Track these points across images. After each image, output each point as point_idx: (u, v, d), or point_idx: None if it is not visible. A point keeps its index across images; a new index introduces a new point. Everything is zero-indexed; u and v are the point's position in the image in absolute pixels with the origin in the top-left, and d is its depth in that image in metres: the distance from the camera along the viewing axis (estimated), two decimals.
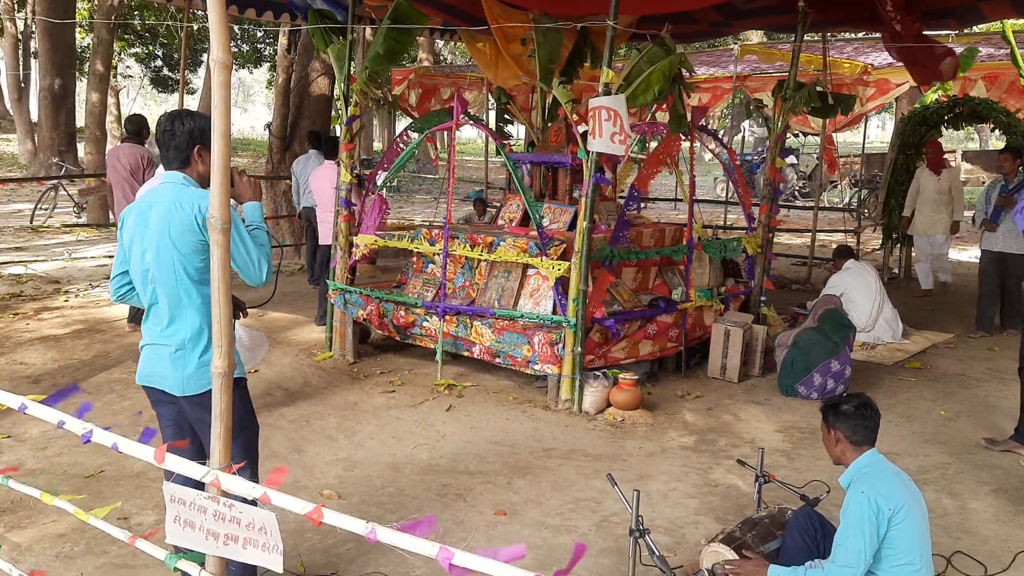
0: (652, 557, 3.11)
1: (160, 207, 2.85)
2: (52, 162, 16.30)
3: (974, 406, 5.82)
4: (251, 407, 3.16)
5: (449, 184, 6.22)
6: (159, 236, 2.83)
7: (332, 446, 4.88)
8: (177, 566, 2.26)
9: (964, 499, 4.32)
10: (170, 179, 2.92)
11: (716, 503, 4.22)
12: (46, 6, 16.28)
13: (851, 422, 2.96)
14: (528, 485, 4.38)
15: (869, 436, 2.97)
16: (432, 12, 7.75)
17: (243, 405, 3.03)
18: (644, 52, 5.68)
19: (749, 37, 17.24)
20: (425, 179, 23.94)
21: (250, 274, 2.87)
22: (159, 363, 2.91)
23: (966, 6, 7.24)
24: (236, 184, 3.02)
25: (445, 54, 32.69)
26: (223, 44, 1.89)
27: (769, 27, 11.15)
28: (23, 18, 23.93)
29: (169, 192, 2.87)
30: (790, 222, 14.14)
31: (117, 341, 6.90)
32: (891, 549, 2.77)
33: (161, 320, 2.91)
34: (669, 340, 6.23)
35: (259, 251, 2.87)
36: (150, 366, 2.96)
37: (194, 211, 2.80)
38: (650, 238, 6.39)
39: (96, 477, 4.32)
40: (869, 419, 2.97)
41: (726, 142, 10.44)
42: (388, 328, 6.42)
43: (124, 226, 2.97)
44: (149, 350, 2.97)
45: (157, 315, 2.92)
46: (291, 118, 10.90)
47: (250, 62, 30.23)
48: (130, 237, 2.94)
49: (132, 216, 2.94)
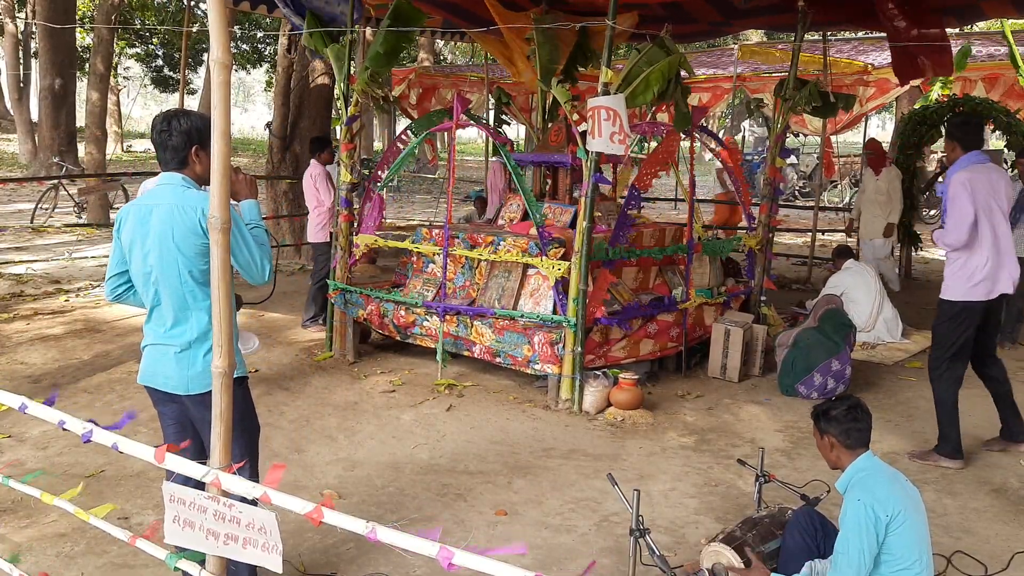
0: (652, 557, 3.11)
1: (161, 210, 2.82)
2: (52, 162, 16.28)
3: (974, 406, 5.81)
4: (252, 406, 3.16)
5: (449, 184, 6.22)
6: (161, 239, 2.81)
7: (332, 446, 4.88)
8: (177, 566, 2.26)
9: (964, 499, 4.32)
10: (169, 180, 2.90)
11: (716, 503, 4.22)
12: (46, 6, 16.26)
13: (843, 426, 2.94)
14: (528, 485, 4.39)
15: (862, 438, 2.95)
16: (432, 11, 7.74)
17: (245, 404, 3.03)
18: (644, 52, 5.69)
19: (749, 37, 17.25)
20: (425, 179, 23.94)
21: (252, 273, 2.87)
22: (163, 363, 2.90)
23: (967, 4, 7.23)
24: (233, 182, 3.00)
25: (445, 54, 32.71)
26: (223, 44, 1.89)
27: (769, 27, 11.14)
28: (23, 18, 23.94)
29: (169, 194, 2.84)
30: (790, 222, 14.15)
31: (117, 341, 6.91)
32: (890, 555, 2.76)
33: (165, 321, 2.90)
34: (669, 340, 6.24)
35: (260, 250, 2.87)
36: (153, 366, 2.95)
37: (197, 215, 2.78)
38: (650, 238, 6.39)
39: (96, 477, 4.32)
40: (861, 421, 2.95)
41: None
42: (388, 328, 6.42)
43: (122, 227, 2.93)
44: (152, 350, 2.96)
45: (160, 316, 2.91)
46: (291, 118, 10.90)
47: (250, 62, 30.25)
48: (129, 239, 2.91)
49: (131, 218, 2.90)
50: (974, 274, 4.57)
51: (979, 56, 10.59)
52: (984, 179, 4.54)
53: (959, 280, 4.61)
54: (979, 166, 4.58)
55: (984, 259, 4.55)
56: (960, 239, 4.50)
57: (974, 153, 4.61)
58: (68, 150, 16.90)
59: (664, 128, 6.97)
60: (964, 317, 4.64)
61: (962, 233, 4.48)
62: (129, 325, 7.40)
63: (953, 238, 4.53)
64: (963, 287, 4.60)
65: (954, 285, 4.64)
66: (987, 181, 4.55)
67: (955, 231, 4.50)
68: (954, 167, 4.62)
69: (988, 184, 4.55)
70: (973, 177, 4.52)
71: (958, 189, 4.49)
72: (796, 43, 6.77)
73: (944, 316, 4.71)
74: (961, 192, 4.48)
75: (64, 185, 14.12)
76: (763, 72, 12.52)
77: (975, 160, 4.59)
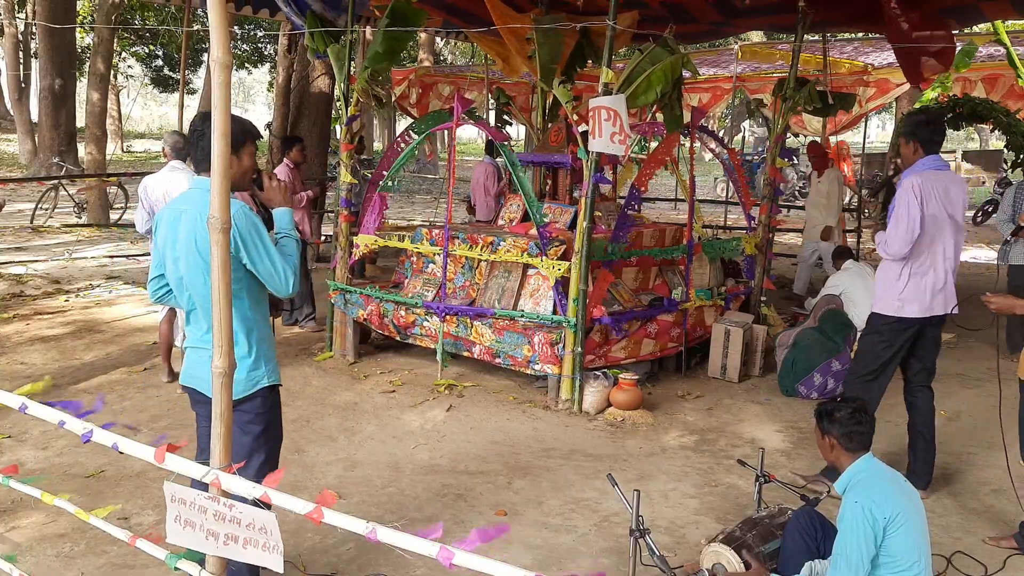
0: (652, 557, 3.11)
1: (188, 215, 2.78)
2: (52, 162, 16.30)
3: (974, 406, 5.82)
4: (280, 416, 3.09)
5: (449, 184, 6.22)
6: (188, 246, 2.79)
7: (332, 446, 4.88)
8: (177, 566, 2.26)
9: (964, 499, 4.32)
10: (201, 185, 2.82)
11: (716, 503, 4.22)
12: (46, 6, 16.28)
13: (845, 428, 2.93)
14: (528, 485, 4.39)
15: (864, 441, 2.95)
16: (432, 10, 7.74)
17: (274, 413, 3.00)
18: (646, 52, 5.68)
19: (749, 37, 17.24)
20: (425, 179, 23.94)
21: (275, 285, 2.81)
22: (200, 366, 2.87)
23: (966, 5, 7.24)
24: (267, 189, 2.96)
25: (445, 54, 32.70)
26: (223, 44, 1.89)
27: (770, 27, 11.14)
28: (23, 18, 23.94)
29: (198, 200, 2.78)
30: (790, 222, 14.13)
31: (117, 341, 6.90)
32: (890, 556, 2.76)
33: (200, 325, 2.89)
34: (670, 340, 6.24)
35: (284, 261, 2.80)
36: (192, 368, 2.94)
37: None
38: (650, 238, 6.39)
39: (96, 477, 4.32)
40: (863, 424, 2.95)
41: (726, 142, 10.43)
42: (388, 328, 6.42)
43: (157, 230, 2.92)
44: (192, 352, 2.95)
45: (196, 319, 2.91)
46: (291, 118, 10.90)
47: (250, 62, 30.24)
48: (162, 243, 2.90)
49: (164, 222, 2.89)
50: (910, 288, 4.16)
51: (979, 57, 10.58)
52: (940, 188, 4.12)
53: (893, 293, 4.20)
54: (936, 172, 4.15)
55: (924, 273, 4.15)
56: (904, 248, 4.08)
57: (933, 157, 4.18)
58: (68, 150, 16.91)
59: (664, 128, 6.96)
60: (894, 334, 4.24)
61: (906, 242, 4.06)
62: (129, 325, 7.40)
63: (896, 247, 4.09)
64: (895, 301, 4.19)
65: (887, 297, 4.23)
66: (943, 190, 4.13)
67: (900, 239, 4.08)
68: (910, 170, 4.20)
69: (943, 193, 4.13)
70: (927, 183, 4.09)
71: (909, 194, 4.06)
72: (796, 43, 6.77)
73: (871, 329, 4.32)
74: (911, 197, 4.05)
75: (64, 185, 14.12)
76: (763, 72, 12.52)
77: (932, 166, 4.16)
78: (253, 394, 2.88)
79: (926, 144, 4.18)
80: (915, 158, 4.21)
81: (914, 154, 4.21)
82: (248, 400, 2.86)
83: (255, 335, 2.89)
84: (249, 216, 2.75)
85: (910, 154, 4.23)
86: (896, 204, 4.14)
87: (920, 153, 4.19)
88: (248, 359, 2.84)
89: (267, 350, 2.95)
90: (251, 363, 2.86)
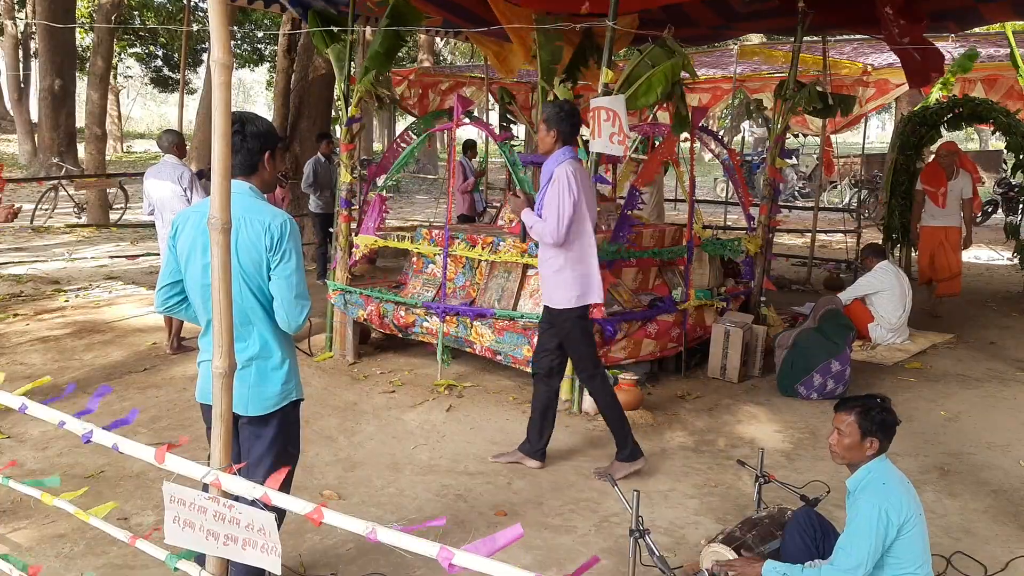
0: (652, 557, 3.12)
1: None
2: (52, 162, 16.30)
3: (974, 406, 5.82)
4: (299, 433, 2.98)
5: (449, 184, 6.22)
6: None
7: (332, 446, 4.88)
8: (177, 566, 2.26)
9: (964, 499, 4.32)
10: (235, 188, 2.54)
11: (716, 503, 4.22)
12: (46, 6, 16.28)
13: (891, 433, 2.93)
14: (528, 485, 4.39)
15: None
16: (432, 10, 7.74)
17: (294, 429, 2.92)
18: (646, 53, 5.68)
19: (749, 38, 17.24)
20: (425, 179, 23.95)
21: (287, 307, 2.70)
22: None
23: (965, 8, 7.25)
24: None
25: (445, 54, 32.71)
26: (223, 44, 1.89)
27: (769, 30, 11.16)
28: (23, 18, 23.94)
29: (237, 203, 2.58)
30: (790, 222, 14.14)
31: (117, 342, 6.90)
32: (896, 558, 2.77)
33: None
34: (669, 340, 6.23)
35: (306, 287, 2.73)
36: (209, 383, 2.74)
37: (263, 228, 2.63)
38: (650, 238, 6.39)
39: (96, 477, 4.32)
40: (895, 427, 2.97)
41: (726, 142, 10.43)
42: (389, 327, 6.42)
43: (178, 235, 2.75)
44: (208, 367, 2.73)
45: None
46: (291, 118, 10.90)
47: (250, 62, 30.25)
48: (187, 249, 2.72)
49: (189, 226, 2.72)
50: (581, 278, 4.30)
51: (979, 57, 10.60)
52: (585, 178, 4.32)
53: (572, 285, 4.30)
54: (579, 162, 4.34)
55: (588, 261, 4.32)
56: (562, 234, 4.16)
57: (571, 148, 4.33)
58: (68, 150, 16.91)
59: (664, 128, 6.96)
60: (587, 320, 4.46)
61: (564, 228, 4.15)
62: (129, 326, 7.40)
63: (554, 235, 4.16)
64: (574, 292, 4.30)
65: (567, 291, 4.32)
66: (587, 181, 4.40)
67: (558, 226, 4.14)
68: (558, 156, 4.25)
69: (588, 184, 4.38)
70: (580, 172, 4.25)
71: (569, 180, 4.15)
72: (796, 44, 6.78)
73: (574, 329, 4.38)
74: (571, 184, 4.14)
75: (64, 185, 14.12)
76: (763, 73, 12.52)
77: (573, 155, 4.30)
78: (283, 407, 2.82)
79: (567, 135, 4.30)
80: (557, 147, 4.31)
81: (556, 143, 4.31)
82: (274, 415, 2.80)
83: (288, 347, 2.84)
84: (296, 226, 2.71)
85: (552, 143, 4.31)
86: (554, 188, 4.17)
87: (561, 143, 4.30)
88: (281, 371, 2.79)
89: (296, 364, 2.90)
90: (284, 375, 2.80)
